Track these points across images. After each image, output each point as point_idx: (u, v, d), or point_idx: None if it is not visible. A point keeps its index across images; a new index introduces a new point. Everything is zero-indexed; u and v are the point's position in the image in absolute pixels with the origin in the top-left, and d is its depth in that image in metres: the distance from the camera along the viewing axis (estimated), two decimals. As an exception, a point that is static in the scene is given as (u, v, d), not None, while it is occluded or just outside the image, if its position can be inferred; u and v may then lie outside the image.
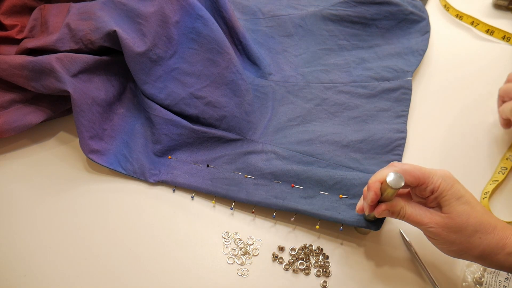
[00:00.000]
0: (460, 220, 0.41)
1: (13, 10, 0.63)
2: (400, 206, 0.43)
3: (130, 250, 0.52)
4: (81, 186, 0.57)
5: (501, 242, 0.41)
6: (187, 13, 0.60)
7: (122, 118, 0.61)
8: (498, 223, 0.42)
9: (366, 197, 0.45)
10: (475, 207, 0.42)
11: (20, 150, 0.60)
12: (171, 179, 0.56)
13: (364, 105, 0.62)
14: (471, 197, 0.43)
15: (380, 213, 0.44)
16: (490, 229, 0.41)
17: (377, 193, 0.43)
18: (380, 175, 0.44)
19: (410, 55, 0.68)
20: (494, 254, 0.41)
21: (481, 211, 0.42)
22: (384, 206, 0.44)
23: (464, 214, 0.41)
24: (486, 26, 0.74)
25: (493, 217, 0.43)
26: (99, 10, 0.59)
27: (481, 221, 0.41)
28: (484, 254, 0.42)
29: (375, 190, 0.43)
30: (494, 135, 0.62)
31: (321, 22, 0.72)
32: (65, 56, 0.56)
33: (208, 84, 0.60)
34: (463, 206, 0.42)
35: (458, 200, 0.42)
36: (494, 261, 0.42)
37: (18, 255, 0.51)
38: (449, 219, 0.42)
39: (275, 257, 0.51)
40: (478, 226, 0.41)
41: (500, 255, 0.41)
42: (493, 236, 0.41)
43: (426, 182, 0.43)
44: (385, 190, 0.43)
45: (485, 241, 0.41)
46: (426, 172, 0.43)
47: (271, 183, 0.55)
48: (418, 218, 0.43)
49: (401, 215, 0.44)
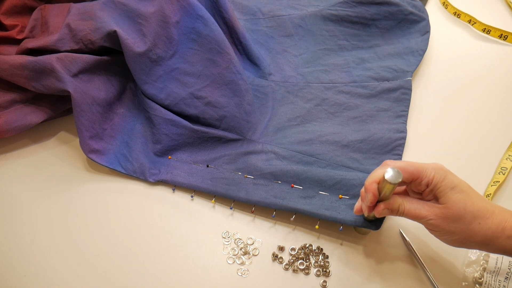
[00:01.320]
0: (457, 208, 0.42)
1: (14, 10, 0.63)
2: (398, 203, 0.44)
3: (130, 250, 0.52)
4: (81, 186, 0.57)
5: (501, 226, 0.41)
6: (187, 13, 0.60)
7: (122, 118, 0.61)
8: (496, 208, 0.42)
9: (364, 199, 0.45)
10: (471, 194, 0.43)
11: (20, 150, 0.60)
12: (171, 179, 0.56)
13: (364, 105, 0.62)
14: (466, 186, 0.43)
15: (380, 213, 0.44)
16: (488, 214, 0.42)
17: (375, 194, 0.44)
18: (375, 175, 0.44)
19: (410, 55, 0.68)
20: (495, 238, 0.41)
21: (477, 197, 0.43)
22: (383, 205, 0.44)
23: (460, 202, 0.42)
24: (482, 25, 0.74)
25: (490, 203, 0.43)
26: (99, 10, 0.59)
27: (479, 207, 0.42)
28: (486, 240, 0.42)
29: (373, 191, 0.44)
30: (493, 134, 0.62)
31: (321, 22, 0.72)
32: (65, 56, 0.56)
33: (208, 84, 0.60)
34: (458, 194, 0.42)
35: (452, 189, 0.42)
36: (497, 246, 0.42)
37: (18, 255, 0.51)
38: (447, 209, 0.42)
39: (275, 257, 0.51)
40: (476, 212, 0.42)
41: (501, 239, 0.41)
42: (492, 221, 0.42)
43: (420, 177, 0.43)
44: (383, 189, 0.43)
45: (485, 226, 0.42)
46: (419, 166, 0.44)
47: (270, 183, 0.55)
48: (417, 212, 0.43)
49: (400, 211, 0.44)
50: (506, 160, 0.59)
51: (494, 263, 0.49)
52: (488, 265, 0.49)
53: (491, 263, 0.49)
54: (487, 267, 0.49)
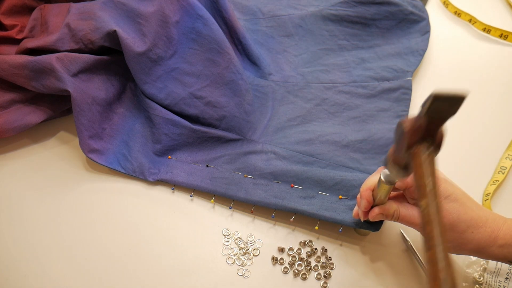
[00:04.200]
0: (451, 218, 0.42)
1: (13, 10, 0.63)
2: (393, 208, 0.44)
3: (130, 250, 0.52)
4: (81, 186, 0.57)
5: (493, 235, 0.41)
6: (187, 13, 0.60)
7: (122, 117, 0.61)
8: (490, 216, 0.42)
9: (359, 205, 0.46)
10: (465, 204, 0.42)
11: (20, 150, 0.60)
12: (171, 178, 0.56)
13: (364, 105, 0.62)
14: (460, 193, 0.43)
15: (374, 217, 0.45)
16: (481, 223, 0.42)
17: (370, 200, 0.44)
18: (370, 182, 0.45)
19: (410, 55, 0.68)
20: (487, 247, 0.42)
21: (471, 206, 0.43)
22: (378, 210, 0.45)
23: (454, 211, 0.42)
24: (483, 24, 0.74)
25: (484, 210, 0.43)
26: (99, 10, 0.59)
27: (472, 217, 0.42)
28: (478, 248, 0.42)
29: (367, 198, 0.44)
30: (493, 133, 0.62)
31: (321, 22, 0.72)
32: (65, 56, 0.56)
33: (208, 84, 0.60)
34: (452, 204, 0.42)
35: (446, 198, 0.42)
36: (489, 254, 0.42)
37: (18, 255, 0.51)
38: None
39: (275, 260, 0.51)
40: (469, 221, 0.42)
41: (493, 248, 0.41)
42: (485, 230, 0.42)
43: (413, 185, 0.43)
44: (378, 192, 0.43)
45: (477, 235, 0.42)
46: None
47: (270, 182, 0.55)
48: (412, 219, 0.44)
49: (395, 217, 0.45)
50: (506, 160, 0.59)
51: (494, 263, 0.49)
52: (489, 266, 0.49)
53: (491, 263, 0.49)
54: (487, 267, 0.49)
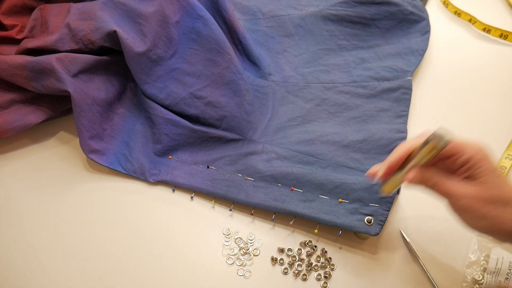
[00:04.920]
0: (496, 191, 0.39)
1: (13, 10, 0.63)
2: (432, 171, 0.41)
3: (130, 250, 0.52)
4: (81, 186, 0.57)
5: None
6: (187, 13, 0.60)
7: (122, 117, 0.61)
8: None
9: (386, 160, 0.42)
10: (507, 181, 0.40)
11: (20, 150, 0.60)
12: (171, 179, 0.56)
13: (364, 105, 0.62)
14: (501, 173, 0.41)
15: (410, 178, 0.41)
16: None
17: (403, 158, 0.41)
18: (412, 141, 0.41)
19: (410, 55, 0.68)
20: None
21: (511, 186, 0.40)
22: (415, 172, 0.41)
23: (501, 185, 0.39)
24: (483, 24, 0.74)
25: None
26: (99, 10, 0.59)
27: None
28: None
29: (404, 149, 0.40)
30: (493, 133, 0.62)
31: (321, 22, 0.72)
32: (65, 56, 0.56)
33: (208, 84, 0.60)
34: (498, 178, 0.40)
35: (493, 172, 0.40)
36: None
37: (18, 255, 0.51)
38: (487, 190, 0.39)
39: (275, 261, 0.51)
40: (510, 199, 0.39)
41: None
42: None
43: (459, 152, 0.40)
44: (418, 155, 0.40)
45: None
46: (459, 141, 0.41)
47: (270, 185, 0.55)
48: (450, 188, 0.40)
49: (433, 182, 0.41)
50: (505, 159, 0.59)
51: (495, 263, 0.49)
52: (489, 266, 0.49)
53: (491, 263, 0.49)
54: (487, 267, 0.49)
